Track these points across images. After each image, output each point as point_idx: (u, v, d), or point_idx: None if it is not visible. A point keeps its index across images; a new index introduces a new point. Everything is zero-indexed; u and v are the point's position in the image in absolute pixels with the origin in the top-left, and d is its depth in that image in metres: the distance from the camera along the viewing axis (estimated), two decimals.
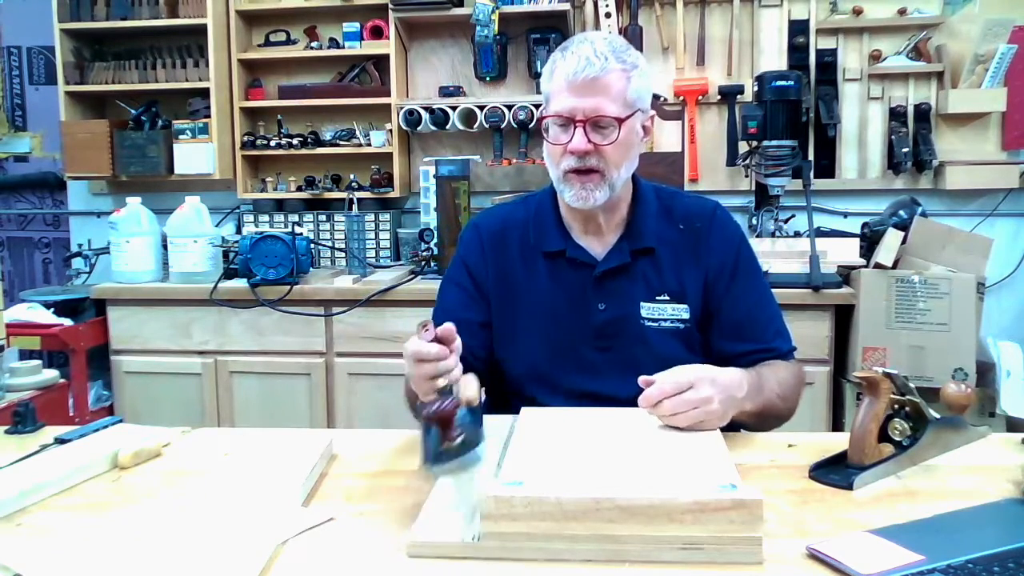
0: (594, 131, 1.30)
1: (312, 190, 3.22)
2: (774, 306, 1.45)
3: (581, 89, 1.28)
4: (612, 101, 1.29)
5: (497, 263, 1.45)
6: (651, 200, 1.44)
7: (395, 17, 3.07)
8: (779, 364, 1.37)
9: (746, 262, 1.43)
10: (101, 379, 2.90)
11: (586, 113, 1.28)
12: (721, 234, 1.42)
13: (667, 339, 1.38)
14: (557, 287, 1.41)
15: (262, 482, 1.09)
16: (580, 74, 1.27)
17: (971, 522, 0.96)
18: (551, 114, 1.32)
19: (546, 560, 0.87)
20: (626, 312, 1.38)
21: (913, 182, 3.04)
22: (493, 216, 1.52)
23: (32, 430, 1.33)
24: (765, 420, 1.30)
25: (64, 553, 0.91)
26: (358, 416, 2.76)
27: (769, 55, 3.06)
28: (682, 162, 3.06)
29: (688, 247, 1.41)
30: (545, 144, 1.36)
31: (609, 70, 1.28)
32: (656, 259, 1.40)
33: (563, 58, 1.30)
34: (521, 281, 1.43)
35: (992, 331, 2.85)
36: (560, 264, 1.42)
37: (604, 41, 1.31)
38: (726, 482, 0.92)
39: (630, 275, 1.40)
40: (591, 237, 1.42)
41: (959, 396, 1.18)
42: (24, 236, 3.71)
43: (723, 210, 1.47)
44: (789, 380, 1.34)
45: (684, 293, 1.39)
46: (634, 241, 1.40)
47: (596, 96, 1.28)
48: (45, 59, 3.57)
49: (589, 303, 1.39)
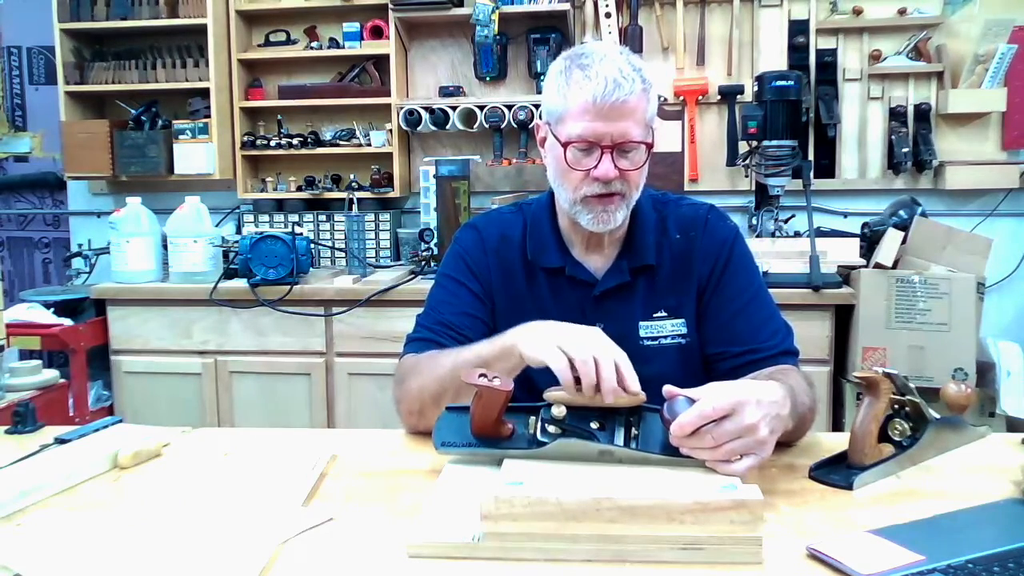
0: (619, 156, 1.24)
1: (312, 190, 3.22)
2: (770, 307, 1.38)
3: (609, 113, 1.21)
4: (637, 124, 1.23)
5: (500, 271, 1.40)
6: (649, 212, 1.39)
7: (395, 17, 3.07)
8: (790, 370, 1.28)
9: (738, 260, 1.38)
10: (101, 379, 2.90)
11: (614, 139, 1.23)
12: (712, 239, 1.38)
13: (667, 356, 1.35)
14: (557, 304, 1.37)
15: (262, 482, 1.09)
16: (609, 98, 1.20)
17: (971, 522, 0.96)
18: (574, 139, 1.24)
19: (546, 560, 0.87)
20: (624, 332, 1.32)
21: (913, 182, 3.05)
22: (491, 223, 1.46)
23: (32, 430, 1.33)
24: (790, 436, 1.19)
25: (64, 553, 0.91)
26: (358, 416, 2.76)
27: (769, 55, 3.06)
28: (682, 162, 3.07)
29: (684, 258, 1.37)
30: (559, 166, 1.29)
31: (636, 92, 1.22)
32: (654, 275, 1.37)
33: (585, 77, 1.22)
34: (524, 293, 1.39)
35: (992, 331, 2.85)
36: (560, 281, 1.38)
37: (623, 58, 1.25)
38: (727, 482, 0.92)
39: (629, 294, 1.36)
40: (591, 253, 1.38)
41: (959, 396, 1.18)
42: (24, 236, 3.71)
43: (716, 213, 1.42)
44: (807, 388, 1.23)
45: (681, 306, 1.36)
46: (633, 259, 1.36)
47: (624, 120, 1.22)
48: (45, 59, 3.57)
49: (588, 322, 1.33)
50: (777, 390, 1.06)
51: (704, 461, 1.00)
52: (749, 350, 1.33)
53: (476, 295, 1.40)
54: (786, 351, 1.34)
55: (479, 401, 1.05)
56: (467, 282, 1.40)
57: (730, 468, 0.98)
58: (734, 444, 0.98)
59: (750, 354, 1.32)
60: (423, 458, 1.19)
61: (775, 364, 1.30)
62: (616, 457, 1.03)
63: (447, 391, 1.20)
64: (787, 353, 1.34)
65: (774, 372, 1.24)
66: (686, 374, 1.30)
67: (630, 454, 1.03)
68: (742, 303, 1.36)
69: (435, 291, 1.44)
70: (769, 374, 1.22)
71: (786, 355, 1.34)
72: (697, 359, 1.37)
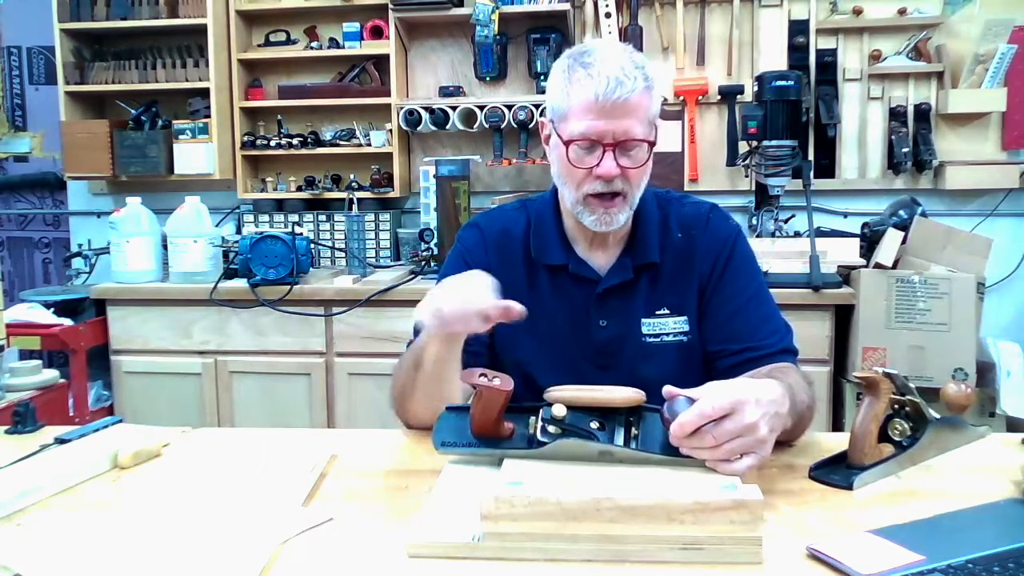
0: (622, 154, 1.25)
1: (312, 190, 3.22)
2: (769, 306, 1.38)
3: (611, 111, 1.21)
4: (640, 122, 1.23)
5: (502, 269, 1.38)
6: (652, 210, 1.40)
7: (395, 17, 3.07)
8: (789, 368, 1.28)
9: (739, 258, 1.38)
10: (101, 379, 2.90)
11: (616, 137, 1.23)
12: (713, 237, 1.38)
13: (669, 354, 1.35)
14: (559, 302, 1.38)
15: (262, 482, 1.09)
16: (611, 96, 1.20)
17: (971, 522, 0.96)
18: (576, 137, 1.24)
19: (546, 560, 0.87)
20: (627, 330, 1.35)
21: (913, 182, 3.05)
22: (494, 220, 1.46)
23: (32, 430, 1.33)
24: (789, 435, 1.19)
25: (64, 553, 0.91)
26: (358, 416, 2.76)
27: (769, 55, 3.06)
28: (682, 162, 3.06)
29: (686, 256, 1.38)
30: (562, 164, 1.29)
31: (638, 90, 1.22)
32: (657, 273, 1.37)
33: (588, 76, 1.22)
34: (525, 291, 1.37)
35: (992, 331, 2.85)
36: (562, 278, 1.38)
37: (626, 55, 1.25)
38: (727, 482, 0.92)
39: (631, 291, 1.37)
40: (595, 251, 1.38)
41: (959, 396, 1.18)
42: (24, 236, 3.71)
43: (718, 212, 1.43)
44: (805, 386, 1.23)
45: (683, 304, 1.37)
46: (637, 256, 1.36)
47: (627, 118, 1.22)
48: (45, 59, 3.57)
49: (590, 320, 1.36)
50: (776, 388, 1.06)
51: (704, 461, 1.00)
52: (747, 348, 1.33)
53: None
54: (785, 350, 1.35)
55: (479, 401, 1.05)
56: None
57: (730, 468, 0.98)
58: (734, 444, 0.98)
59: (748, 352, 1.32)
60: (423, 458, 1.19)
61: (773, 362, 1.30)
62: (616, 457, 1.03)
63: (411, 381, 1.27)
64: (786, 352, 1.34)
65: (772, 370, 1.24)
66: (687, 372, 1.31)
67: (630, 454, 1.03)
68: (742, 301, 1.36)
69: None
70: (767, 372, 1.22)
71: (785, 353, 1.34)
72: (698, 357, 1.37)
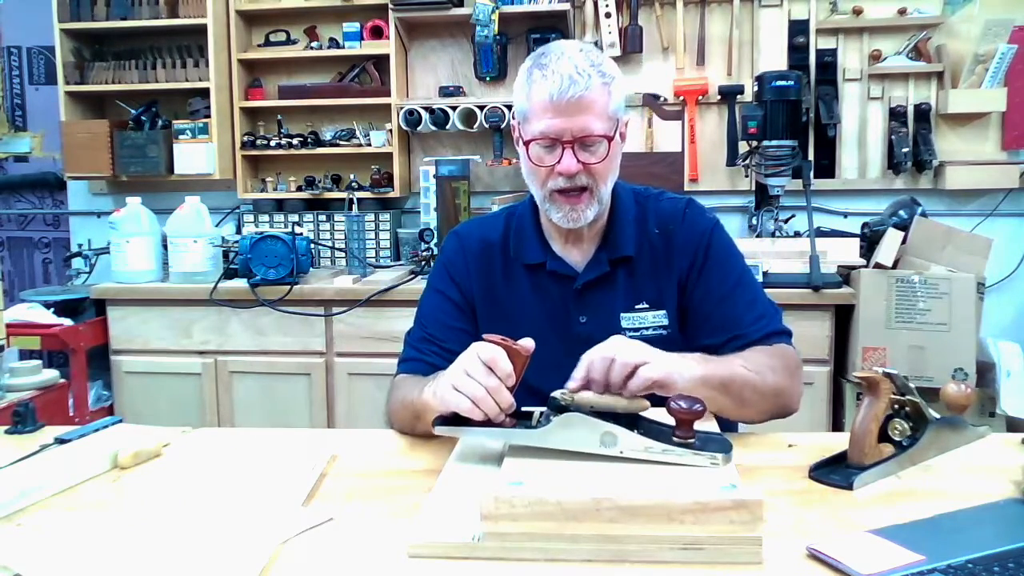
0: (582, 150, 1.27)
1: (312, 190, 3.22)
2: (753, 291, 1.40)
3: (567, 109, 1.24)
4: (598, 118, 1.26)
5: (481, 275, 1.43)
6: (629, 206, 1.42)
7: (395, 17, 3.07)
8: (760, 349, 1.30)
9: (717, 249, 1.39)
10: (101, 379, 2.90)
11: (574, 133, 1.25)
12: (691, 231, 1.40)
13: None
14: (539, 300, 1.40)
15: (262, 482, 1.09)
16: (565, 94, 1.23)
17: (971, 522, 0.96)
18: (536, 136, 1.28)
19: (546, 560, 0.87)
20: (606, 324, 1.36)
21: (913, 182, 3.05)
22: (473, 228, 1.50)
23: (32, 430, 1.33)
24: (741, 394, 1.22)
25: (64, 553, 0.91)
26: (358, 416, 2.76)
27: (769, 55, 3.06)
28: (682, 162, 3.07)
29: (663, 251, 1.39)
30: (526, 164, 1.32)
31: (592, 87, 1.24)
32: (634, 267, 1.39)
33: (543, 76, 1.26)
34: (504, 294, 1.42)
35: (992, 331, 2.85)
36: (541, 277, 1.41)
37: (582, 54, 1.27)
38: (726, 482, 0.92)
39: (610, 286, 1.38)
40: (571, 247, 1.41)
41: (959, 396, 1.18)
42: (24, 236, 3.71)
43: (694, 206, 1.44)
44: (760, 358, 1.27)
45: (661, 299, 1.38)
46: (612, 250, 1.39)
47: (582, 115, 1.25)
48: (45, 59, 3.57)
49: (570, 316, 1.38)
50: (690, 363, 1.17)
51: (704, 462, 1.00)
52: (733, 336, 1.34)
53: (457, 305, 1.43)
54: (772, 332, 1.35)
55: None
56: (448, 292, 1.44)
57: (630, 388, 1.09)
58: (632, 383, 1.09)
59: (735, 340, 1.33)
60: (423, 458, 1.19)
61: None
62: (618, 445, 1.03)
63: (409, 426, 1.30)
64: (774, 335, 1.35)
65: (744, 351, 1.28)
66: None
67: (633, 438, 1.02)
68: (725, 291, 1.38)
69: (422, 301, 1.49)
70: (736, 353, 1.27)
71: (773, 336, 1.35)
72: (677, 351, 1.37)
